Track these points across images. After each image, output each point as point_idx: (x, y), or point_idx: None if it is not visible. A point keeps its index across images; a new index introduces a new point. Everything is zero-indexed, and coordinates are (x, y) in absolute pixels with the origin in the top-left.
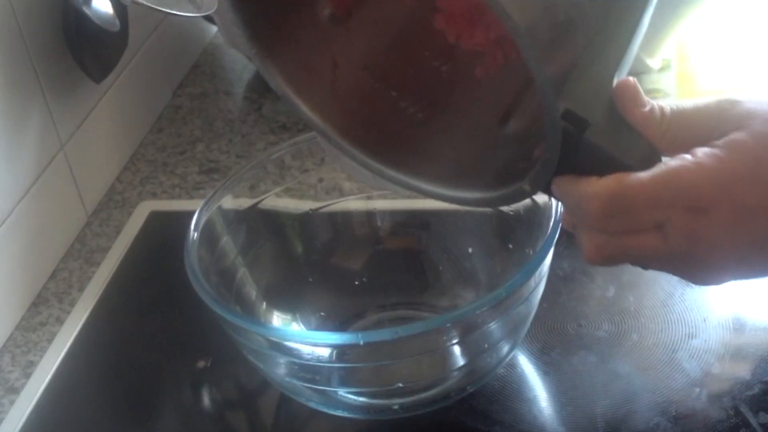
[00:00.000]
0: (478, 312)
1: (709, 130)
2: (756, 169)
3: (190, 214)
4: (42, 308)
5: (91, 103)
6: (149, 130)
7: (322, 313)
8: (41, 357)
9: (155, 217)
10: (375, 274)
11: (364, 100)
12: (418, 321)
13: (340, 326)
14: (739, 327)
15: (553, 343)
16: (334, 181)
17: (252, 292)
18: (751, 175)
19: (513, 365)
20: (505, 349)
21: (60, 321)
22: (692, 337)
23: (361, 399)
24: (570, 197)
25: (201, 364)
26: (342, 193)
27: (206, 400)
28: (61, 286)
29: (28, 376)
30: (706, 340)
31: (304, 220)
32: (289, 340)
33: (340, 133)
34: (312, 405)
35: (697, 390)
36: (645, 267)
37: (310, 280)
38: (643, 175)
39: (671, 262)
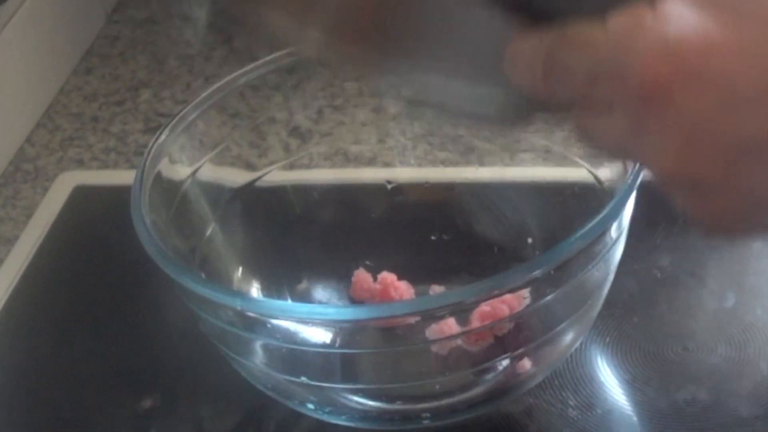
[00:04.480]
0: (531, 275)
1: None
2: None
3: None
4: None
5: None
6: (73, 71)
7: (319, 286)
8: None
9: (82, 194)
10: (398, 237)
11: None
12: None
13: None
14: None
15: (647, 373)
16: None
17: (224, 255)
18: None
19: (591, 404)
20: (569, 337)
21: None
22: None
23: (373, 403)
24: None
25: (147, 403)
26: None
27: None
28: None
29: None
30: None
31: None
32: (273, 316)
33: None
34: (309, 412)
35: None
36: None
37: (306, 243)
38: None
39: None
